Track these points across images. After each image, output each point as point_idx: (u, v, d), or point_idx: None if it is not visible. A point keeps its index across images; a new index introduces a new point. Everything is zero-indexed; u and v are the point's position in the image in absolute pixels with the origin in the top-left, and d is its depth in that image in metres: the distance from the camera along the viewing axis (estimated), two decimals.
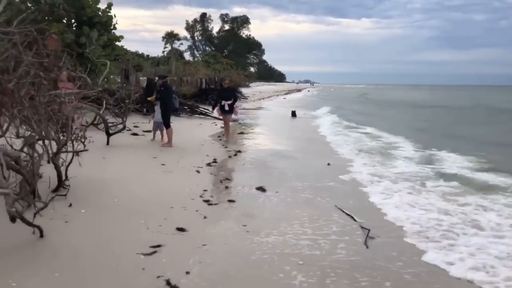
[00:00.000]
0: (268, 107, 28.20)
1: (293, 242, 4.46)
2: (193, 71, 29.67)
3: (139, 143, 10.07)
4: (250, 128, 15.25)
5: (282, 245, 4.36)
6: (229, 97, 11.15)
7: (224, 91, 11.39)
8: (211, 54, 69.14)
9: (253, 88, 57.50)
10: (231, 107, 11.12)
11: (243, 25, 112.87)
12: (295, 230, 4.82)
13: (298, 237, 4.61)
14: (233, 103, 11.25)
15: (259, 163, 8.79)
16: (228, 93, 11.26)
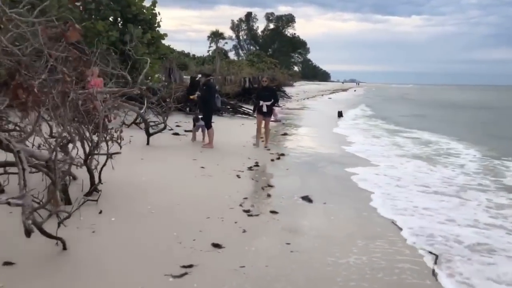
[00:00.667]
0: (313, 107, 27.37)
1: (345, 266, 3.83)
2: (237, 70, 29.36)
3: (180, 144, 9.74)
4: (294, 129, 14.62)
5: (332, 270, 3.74)
6: (268, 97, 9.93)
7: (262, 91, 10.26)
8: (255, 53, 69.04)
9: (297, 87, 56.60)
10: (270, 108, 9.95)
11: (288, 24, 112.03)
12: (346, 251, 4.17)
13: (349, 260, 3.96)
14: (273, 104, 10.03)
15: (304, 168, 8.16)
16: (267, 92, 10.05)
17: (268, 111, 9.98)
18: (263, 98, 9.92)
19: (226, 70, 29.95)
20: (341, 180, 7.40)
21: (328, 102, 35.20)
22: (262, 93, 10.12)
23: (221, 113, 16.24)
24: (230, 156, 8.65)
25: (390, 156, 10.20)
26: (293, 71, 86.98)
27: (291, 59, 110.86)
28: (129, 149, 8.33)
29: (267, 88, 10.34)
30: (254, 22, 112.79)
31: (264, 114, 10.01)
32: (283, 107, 24.59)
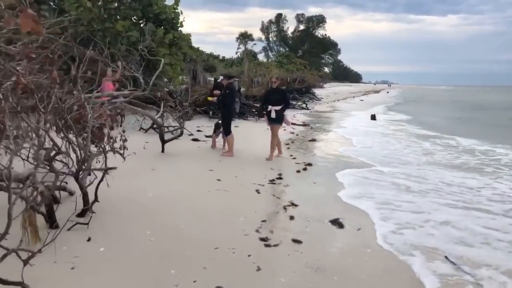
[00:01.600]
0: (344, 109, 26.18)
1: None
2: (265, 71, 28.55)
3: (198, 151, 8.98)
4: (323, 134, 13.61)
5: None
6: (278, 101, 8.40)
7: (271, 93, 8.70)
8: (284, 55, 68.01)
9: (327, 89, 55.23)
10: (280, 114, 8.44)
11: (319, 25, 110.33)
12: None
13: None
14: (283, 109, 8.47)
15: (333, 182, 7.20)
16: (277, 95, 8.48)
17: (277, 117, 8.46)
18: (272, 102, 8.43)
19: (254, 72, 29.21)
20: (379, 197, 6.41)
21: (360, 104, 33.81)
22: (271, 96, 8.59)
23: (246, 116, 15.46)
24: (251, 166, 7.81)
25: (434, 168, 9.06)
26: (323, 72, 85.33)
27: (321, 60, 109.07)
28: (140, 158, 7.64)
29: (276, 90, 8.67)
30: (284, 24, 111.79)
31: (272, 121, 8.51)
32: (312, 109, 23.57)
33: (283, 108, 8.50)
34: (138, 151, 8.35)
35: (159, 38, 12.72)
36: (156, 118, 9.14)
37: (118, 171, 6.20)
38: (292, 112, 20.59)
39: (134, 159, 7.52)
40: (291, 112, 20.54)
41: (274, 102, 8.42)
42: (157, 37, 12.71)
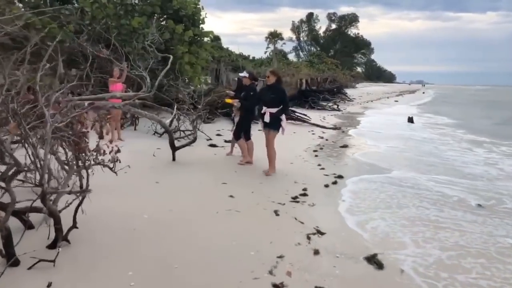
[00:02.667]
0: (378, 111, 24.65)
1: None
2: (294, 71, 27.38)
3: (213, 159, 8.01)
4: (356, 139, 12.36)
5: None
6: (274, 101, 6.79)
7: (266, 92, 7.07)
8: (315, 54, 66.44)
9: (359, 89, 53.31)
10: (276, 118, 6.84)
11: (351, 24, 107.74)
12: None
13: None
14: (281, 113, 6.85)
15: (370, 200, 6.06)
16: (273, 94, 6.84)
17: (273, 121, 6.84)
18: (267, 102, 6.90)
19: (283, 72, 28.11)
20: (429, 221, 5.23)
21: (395, 105, 32.03)
22: (265, 95, 7.01)
23: None
24: (271, 179, 6.77)
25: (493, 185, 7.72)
26: (356, 72, 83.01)
27: (353, 59, 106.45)
28: (145, 168, 6.77)
29: (272, 88, 6.92)
30: (316, 23, 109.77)
31: (266, 126, 6.96)
32: (344, 111, 22.24)
33: (281, 111, 6.84)
34: (146, 159, 7.54)
35: (178, 36, 11.88)
36: (167, 122, 8.28)
37: (116, 186, 5.36)
38: (322, 113, 19.40)
39: (139, 170, 6.69)
40: (322, 113, 19.35)
41: (269, 103, 6.84)
42: (176, 34, 11.88)
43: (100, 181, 5.25)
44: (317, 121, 15.42)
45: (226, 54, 46.65)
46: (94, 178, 5.39)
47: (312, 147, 10.28)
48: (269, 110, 6.82)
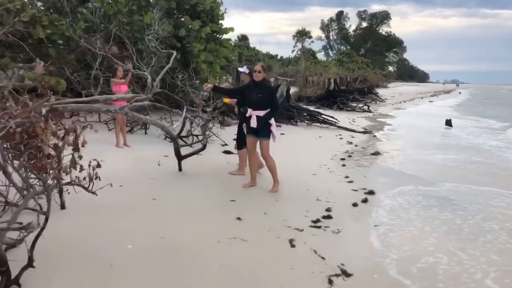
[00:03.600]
0: (412, 112, 23.13)
1: None
2: (322, 70, 26.18)
3: (225, 168, 7.07)
4: (389, 145, 11.16)
5: None
6: (261, 102, 5.60)
7: (251, 90, 5.71)
8: (345, 53, 64.61)
9: (391, 89, 51.24)
10: (262, 121, 5.65)
11: (383, 22, 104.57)
12: None
13: None
14: (270, 116, 5.70)
15: (413, 225, 4.96)
16: (260, 93, 5.61)
17: (261, 127, 5.67)
18: (252, 103, 5.65)
19: (311, 71, 26.97)
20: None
21: (430, 106, 30.26)
22: (250, 94, 5.69)
23: (295, 121, 13.39)
24: (290, 195, 5.77)
25: None
26: (388, 71, 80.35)
27: (385, 58, 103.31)
28: (145, 181, 5.92)
29: (259, 86, 5.67)
30: (346, 21, 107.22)
31: (252, 132, 5.81)
32: (375, 112, 20.89)
33: (270, 114, 5.68)
34: (149, 169, 6.70)
35: (195, 32, 11.06)
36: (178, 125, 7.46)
37: (102, 204, 4.55)
38: (351, 115, 18.17)
39: (137, 182, 5.87)
40: (351, 115, 18.12)
41: (256, 104, 5.61)
42: (193, 31, 11.06)
43: (84, 198, 4.46)
44: (345, 124, 14.26)
45: (252, 54, 46.04)
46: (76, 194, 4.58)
47: (339, 154, 9.19)
48: (255, 113, 5.62)
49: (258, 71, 5.67)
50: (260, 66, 5.76)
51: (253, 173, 6.04)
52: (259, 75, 5.68)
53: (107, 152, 7.22)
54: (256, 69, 5.71)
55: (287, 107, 13.52)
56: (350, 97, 21.85)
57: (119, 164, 6.64)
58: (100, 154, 7.32)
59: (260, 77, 5.68)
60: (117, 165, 6.50)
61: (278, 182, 5.91)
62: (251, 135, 5.86)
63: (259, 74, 5.68)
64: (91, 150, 7.65)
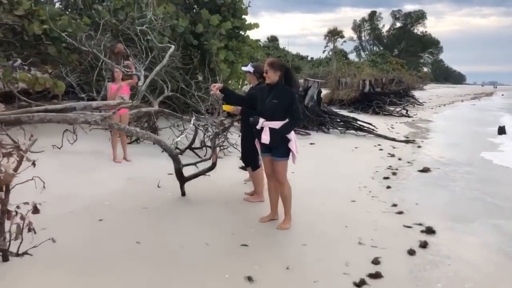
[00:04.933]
0: (454, 117, 21.05)
1: None
2: (355, 71, 24.43)
3: (240, 192, 5.70)
4: (437, 157, 9.47)
5: None
6: (276, 110, 4.20)
7: (264, 95, 4.31)
8: (378, 54, 62.08)
9: (428, 91, 48.53)
10: (278, 135, 4.21)
11: (418, 21, 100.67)
12: None
13: None
14: (289, 128, 4.26)
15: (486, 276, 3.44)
16: (275, 99, 4.19)
17: (277, 143, 4.24)
18: (265, 111, 4.25)
19: (343, 72, 25.27)
20: None
21: (473, 110, 27.87)
22: (264, 99, 4.28)
23: (327, 128, 11.90)
24: (322, 236, 4.33)
25: None
26: (424, 72, 76.88)
27: (419, 59, 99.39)
28: (135, 213, 4.65)
29: (277, 88, 4.24)
30: (379, 21, 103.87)
31: (265, 151, 4.43)
32: (415, 117, 19.02)
33: (289, 125, 4.23)
34: (144, 194, 5.36)
35: (214, 28, 9.78)
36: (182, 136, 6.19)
37: (70, 251, 3.29)
38: (389, 120, 16.46)
39: (123, 214, 4.60)
40: (388, 120, 16.39)
41: (269, 112, 4.19)
42: (211, 27, 9.78)
43: (43, 244, 3.21)
44: (384, 131, 12.63)
45: (281, 54, 44.68)
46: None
47: (381, 171, 7.65)
48: (268, 124, 4.19)
49: (266, 70, 4.22)
50: (267, 63, 4.27)
51: (273, 203, 4.64)
52: (268, 77, 4.24)
53: (99, 169, 6.02)
54: (264, 66, 4.27)
55: (318, 112, 12.04)
56: (387, 100, 20.06)
57: (109, 185, 5.42)
58: (89, 172, 6.12)
59: (271, 78, 4.24)
60: (105, 188, 5.27)
61: (290, 216, 4.48)
62: (266, 153, 4.44)
63: (268, 76, 4.24)
64: (81, 166, 6.41)
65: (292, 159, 4.42)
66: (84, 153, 6.64)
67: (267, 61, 4.36)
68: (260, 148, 4.51)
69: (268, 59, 4.48)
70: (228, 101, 4.85)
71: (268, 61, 4.34)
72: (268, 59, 4.43)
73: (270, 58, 4.54)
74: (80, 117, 4.19)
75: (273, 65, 4.27)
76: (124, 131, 4.47)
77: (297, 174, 5.96)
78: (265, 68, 4.28)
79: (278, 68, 4.27)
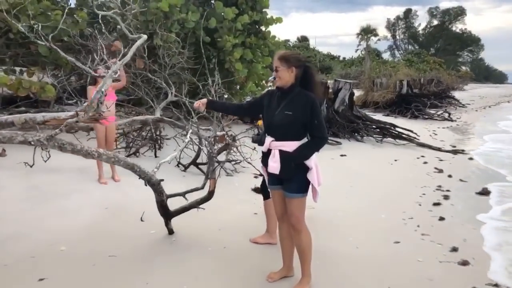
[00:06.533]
0: (505, 121, 18.86)
1: None
2: (391, 71, 22.60)
3: (249, 224, 4.40)
4: (494, 174, 7.81)
5: None
6: (289, 123, 2.87)
7: (276, 101, 2.99)
8: (414, 52, 59.15)
9: (469, 91, 45.52)
10: (291, 162, 2.86)
11: (457, 18, 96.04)
12: None
13: None
14: (307, 151, 2.87)
15: None
16: (289, 109, 2.87)
17: (289, 172, 2.90)
18: (273, 127, 2.96)
19: (377, 72, 23.50)
20: None
21: None
22: (273, 110, 2.97)
23: (360, 136, 10.41)
24: None
25: None
26: (464, 71, 72.95)
27: (458, 58, 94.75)
28: (97, 266, 3.40)
29: (291, 94, 2.93)
30: (414, 19, 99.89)
31: (278, 182, 3.03)
32: (459, 121, 17.09)
33: (307, 148, 2.91)
34: (121, 233, 4.17)
35: (229, 23, 8.54)
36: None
37: None
38: (429, 124, 14.71)
39: (78, 270, 3.36)
40: (429, 124, 14.63)
41: (279, 129, 2.92)
42: (226, 21, 8.54)
43: None
44: (426, 138, 11.03)
45: (311, 54, 43.01)
46: None
47: (429, 193, 6.15)
48: (279, 146, 2.92)
49: (275, 68, 2.93)
50: (277, 57, 2.96)
51: (286, 255, 3.31)
52: (280, 76, 2.93)
53: (76, 194, 4.89)
54: (273, 64, 2.97)
55: (350, 117, 10.57)
56: (428, 102, 18.22)
57: (78, 219, 4.25)
58: (61, 199, 4.88)
59: (283, 79, 2.94)
60: (72, 223, 4.11)
61: (309, 274, 3.14)
62: (275, 186, 3.11)
63: (278, 75, 2.94)
64: (54, 190, 4.99)
65: (313, 195, 3.08)
66: (64, 171, 5.51)
67: (278, 54, 3.03)
68: (268, 179, 3.19)
69: (280, 52, 3.14)
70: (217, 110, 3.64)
71: (279, 54, 3.02)
72: (279, 52, 3.10)
73: (281, 51, 3.18)
74: (17, 135, 3.04)
75: (286, 60, 2.95)
76: (81, 154, 3.28)
77: (323, 199, 4.60)
78: (275, 64, 2.97)
79: (293, 63, 2.94)
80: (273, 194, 3.22)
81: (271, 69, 10.82)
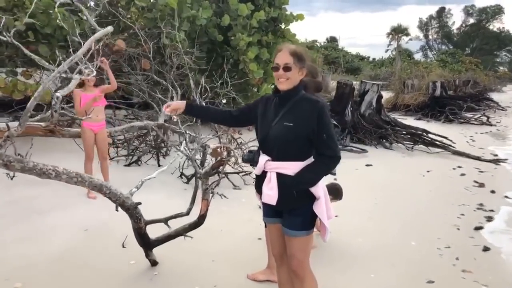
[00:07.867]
0: None
1: None
2: (423, 72, 21.35)
3: (249, 256, 3.71)
4: None
5: None
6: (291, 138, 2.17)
7: (273, 109, 2.30)
8: (448, 52, 56.77)
9: (508, 93, 43.07)
10: (292, 189, 2.16)
11: (494, 17, 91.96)
12: None
13: None
14: (313, 174, 2.17)
15: None
16: (288, 119, 2.19)
17: (289, 203, 2.21)
18: (270, 144, 2.24)
19: (408, 73, 22.28)
20: None
21: None
22: (269, 121, 2.27)
23: (389, 142, 9.51)
24: None
25: None
26: (503, 72, 69.61)
27: (495, 58, 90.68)
28: None
29: (289, 99, 2.25)
30: (448, 18, 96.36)
31: (268, 215, 2.39)
32: (499, 125, 15.75)
33: (315, 170, 2.18)
34: (96, 263, 3.52)
35: (243, 20, 7.87)
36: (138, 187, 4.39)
37: None
38: (466, 129, 13.53)
39: None
40: (465, 129, 13.47)
41: (277, 145, 2.21)
42: (240, 18, 7.88)
43: None
44: (462, 145, 9.98)
45: (340, 55, 41.83)
46: None
47: (468, 213, 5.25)
48: (277, 167, 2.22)
49: (283, 65, 2.22)
50: (289, 52, 2.24)
51: None
52: (289, 77, 2.22)
53: (56, 211, 4.34)
54: (276, 61, 2.26)
55: (377, 122, 9.69)
56: (464, 105, 16.95)
57: (51, 243, 3.68)
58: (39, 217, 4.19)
59: (290, 80, 2.24)
60: (42, 249, 3.53)
61: None
62: (272, 219, 2.40)
63: (288, 75, 2.22)
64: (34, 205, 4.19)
65: (321, 233, 2.36)
66: (51, 183, 4.95)
67: (288, 48, 2.28)
68: (264, 210, 2.47)
69: (288, 45, 2.39)
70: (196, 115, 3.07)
71: (291, 48, 2.28)
72: (289, 46, 2.35)
73: (290, 44, 2.43)
74: None
75: (300, 57, 2.25)
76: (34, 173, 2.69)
77: (339, 220, 3.84)
78: (284, 61, 2.22)
79: (302, 58, 2.26)
80: (269, 229, 2.51)
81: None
